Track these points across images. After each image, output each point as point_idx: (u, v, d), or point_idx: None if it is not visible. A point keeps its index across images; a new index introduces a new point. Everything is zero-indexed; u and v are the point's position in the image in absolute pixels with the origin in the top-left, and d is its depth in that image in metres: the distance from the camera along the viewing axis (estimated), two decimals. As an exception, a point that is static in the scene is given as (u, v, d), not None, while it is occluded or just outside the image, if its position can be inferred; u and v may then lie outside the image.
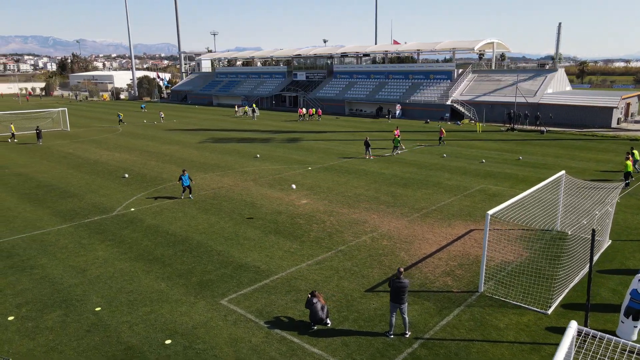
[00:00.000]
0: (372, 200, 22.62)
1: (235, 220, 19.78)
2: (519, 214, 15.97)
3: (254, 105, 67.16)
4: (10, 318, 12.11)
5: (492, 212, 12.89)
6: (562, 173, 17.43)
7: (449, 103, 59.64)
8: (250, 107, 67.87)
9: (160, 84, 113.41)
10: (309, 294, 11.73)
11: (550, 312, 12.22)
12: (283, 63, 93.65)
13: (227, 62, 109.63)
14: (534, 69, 64.71)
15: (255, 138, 44.56)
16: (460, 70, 65.27)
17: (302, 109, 64.11)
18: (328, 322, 11.68)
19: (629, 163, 24.52)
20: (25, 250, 16.71)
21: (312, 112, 63.26)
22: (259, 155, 34.75)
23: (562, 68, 63.54)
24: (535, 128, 48.54)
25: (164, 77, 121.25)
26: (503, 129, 49.13)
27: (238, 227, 19.00)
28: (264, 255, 16.06)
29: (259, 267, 15.14)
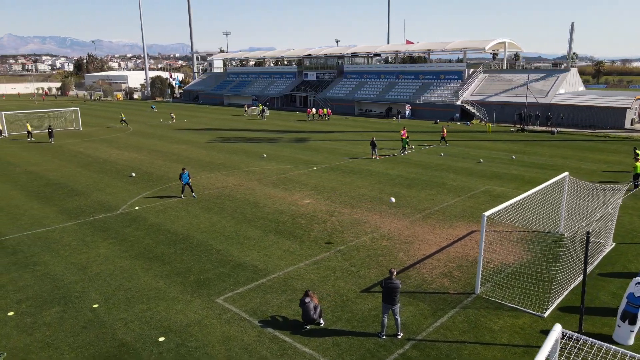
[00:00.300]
0: (374, 201, 22.58)
1: (237, 220, 19.89)
2: (521, 216, 15.81)
3: (260, 105, 67.38)
4: (10, 313, 12.36)
5: (488, 213, 12.78)
6: (565, 174, 17.20)
7: (459, 103, 59.18)
8: (259, 105, 68.17)
9: (173, 84, 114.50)
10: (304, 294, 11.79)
11: (547, 315, 12.08)
12: (295, 63, 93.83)
13: (239, 62, 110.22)
14: (547, 69, 63.84)
15: (263, 138, 44.74)
16: (471, 70, 64.76)
17: (310, 109, 64.25)
18: (321, 322, 11.70)
19: (639, 164, 24.11)
20: (30, 247, 17.03)
21: (322, 112, 63.34)
22: (265, 155, 34.88)
23: (574, 68, 62.60)
24: (546, 129, 47.91)
25: (176, 77, 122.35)
26: (513, 130, 48.60)
27: (239, 226, 19.12)
28: (263, 255, 16.14)
29: (257, 266, 15.22)
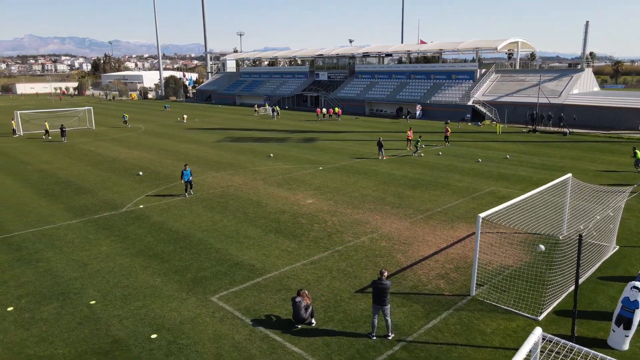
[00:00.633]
0: (377, 201, 22.52)
1: (239, 219, 20.02)
2: (521, 218, 15.64)
3: (267, 105, 67.58)
4: (10, 309, 12.64)
5: (484, 214, 12.68)
6: (568, 176, 16.95)
7: (471, 103, 58.65)
8: (272, 107, 68.44)
9: (186, 84, 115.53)
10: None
11: (542, 318, 11.94)
12: (309, 62, 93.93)
13: (252, 62, 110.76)
14: (561, 69, 62.98)
15: (272, 138, 44.90)
16: (483, 70, 64.09)
17: (320, 109, 64.29)
18: (312, 321, 11.73)
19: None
20: (34, 244, 17.38)
21: (332, 112, 63.36)
22: (272, 155, 35.01)
23: (589, 68, 61.57)
24: (558, 129, 47.20)
25: (190, 77, 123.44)
26: (524, 131, 47.99)
27: (240, 225, 19.24)
28: (261, 254, 16.22)
29: (254, 265, 15.31)
